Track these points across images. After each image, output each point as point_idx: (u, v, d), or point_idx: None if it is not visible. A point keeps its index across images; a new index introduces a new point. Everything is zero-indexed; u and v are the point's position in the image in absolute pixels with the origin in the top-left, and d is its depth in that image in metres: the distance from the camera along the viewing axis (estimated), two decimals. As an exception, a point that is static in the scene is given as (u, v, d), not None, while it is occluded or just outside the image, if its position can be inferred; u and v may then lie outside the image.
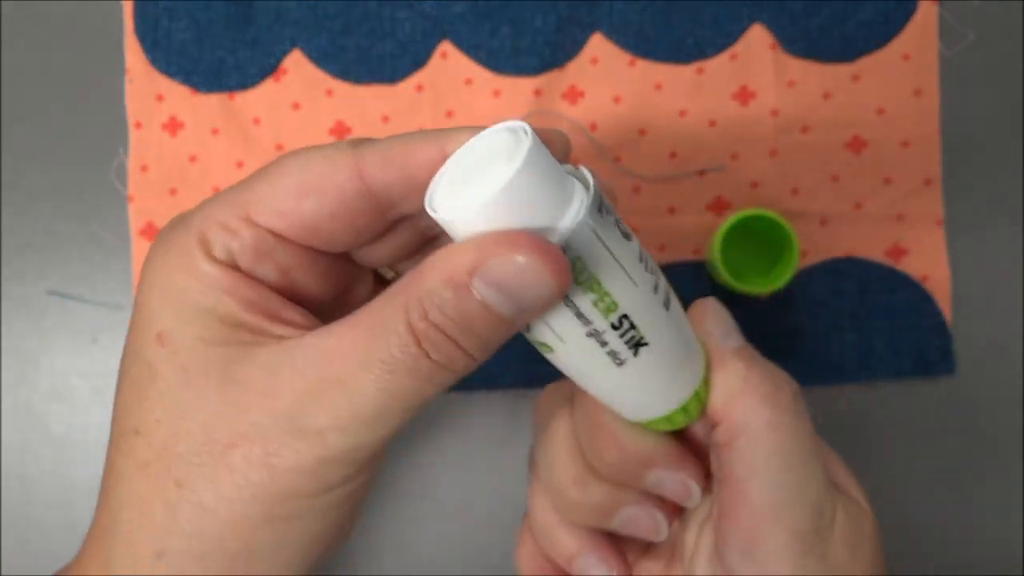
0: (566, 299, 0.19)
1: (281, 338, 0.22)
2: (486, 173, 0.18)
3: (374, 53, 0.39)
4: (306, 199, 0.21)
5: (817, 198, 0.38)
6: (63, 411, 0.40)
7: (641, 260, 0.20)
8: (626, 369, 0.21)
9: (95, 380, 0.40)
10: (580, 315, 0.20)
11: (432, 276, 0.19)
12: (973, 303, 0.38)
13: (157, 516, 0.21)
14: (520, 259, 0.18)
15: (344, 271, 0.25)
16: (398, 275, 0.27)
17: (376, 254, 0.25)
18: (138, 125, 0.40)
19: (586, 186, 0.19)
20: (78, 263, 0.40)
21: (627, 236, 0.20)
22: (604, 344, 0.20)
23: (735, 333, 0.24)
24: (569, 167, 0.20)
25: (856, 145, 0.38)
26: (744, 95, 0.38)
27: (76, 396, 0.40)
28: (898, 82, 0.38)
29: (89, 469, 0.40)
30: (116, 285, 0.40)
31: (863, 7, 0.38)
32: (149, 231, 0.39)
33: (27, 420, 0.40)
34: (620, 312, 0.20)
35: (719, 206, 0.38)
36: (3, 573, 0.40)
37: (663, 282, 0.21)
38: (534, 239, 0.18)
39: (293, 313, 0.22)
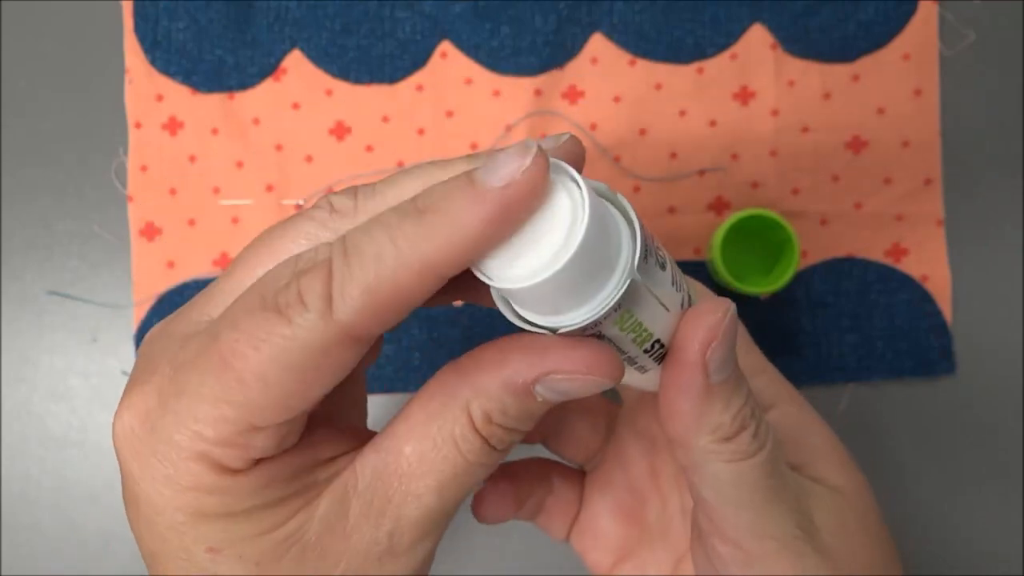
0: (607, 341, 0.20)
1: (332, 479, 0.21)
2: (539, 240, 0.18)
3: (374, 53, 0.39)
4: (313, 386, 0.19)
5: (817, 198, 0.38)
6: (63, 411, 0.40)
7: (673, 283, 0.20)
8: (649, 374, 0.22)
9: (95, 380, 0.40)
10: (620, 350, 0.20)
11: (489, 381, 0.20)
12: (973, 303, 0.38)
13: None
14: (585, 378, 0.19)
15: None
16: None
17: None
18: (138, 125, 0.40)
19: (630, 225, 0.19)
20: (78, 263, 0.40)
21: (663, 265, 0.20)
22: (634, 363, 0.21)
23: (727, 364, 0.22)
24: (604, 190, 0.20)
25: (856, 145, 0.38)
26: (744, 95, 0.38)
27: (76, 396, 0.40)
28: (898, 82, 0.38)
29: (88, 469, 0.40)
30: (116, 285, 0.40)
31: (863, 7, 0.38)
32: (149, 231, 0.39)
33: (27, 420, 0.40)
34: (653, 340, 0.20)
35: (719, 206, 0.38)
36: (3, 573, 0.40)
37: (686, 289, 0.21)
38: (597, 355, 0.19)
39: (332, 448, 0.21)
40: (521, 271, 0.18)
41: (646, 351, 0.20)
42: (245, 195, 0.39)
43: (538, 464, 0.29)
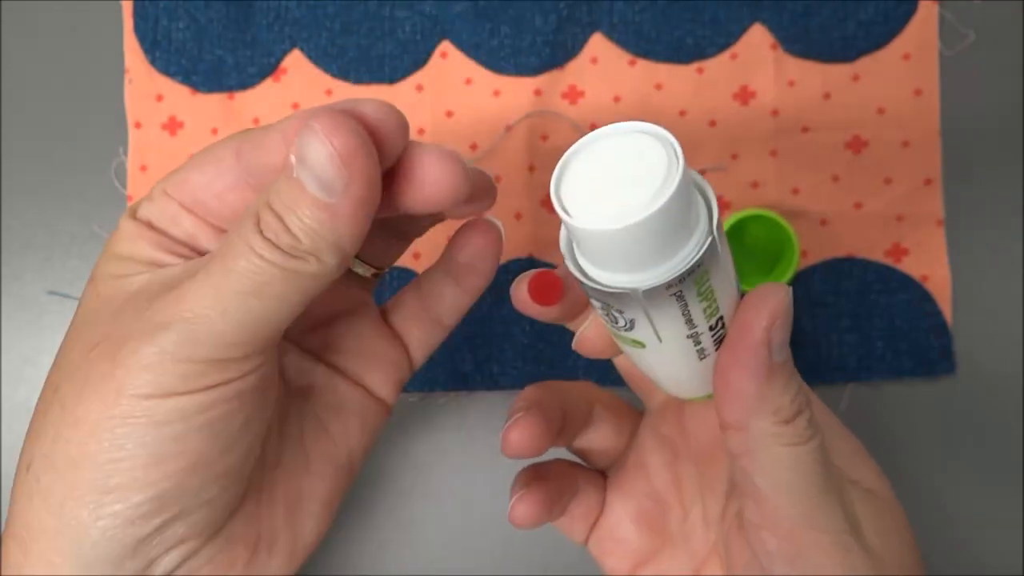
0: (683, 306, 0.20)
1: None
2: (631, 185, 0.18)
3: (374, 53, 0.39)
4: (195, 172, 0.24)
5: (817, 198, 0.38)
6: (63, 411, 0.40)
7: (730, 255, 0.21)
8: (707, 360, 0.22)
9: (95, 380, 0.40)
10: (690, 320, 0.20)
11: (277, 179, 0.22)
12: (973, 303, 0.38)
13: (34, 426, 0.23)
14: (314, 126, 0.20)
15: None
16: (369, 263, 0.28)
17: None
18: (138, 125, 0.40)
19: (706, 196, 0.19)
20: (78, 263, 0.40)
21: (725, 242, 0.20)
22: (698, 344, 0.21)
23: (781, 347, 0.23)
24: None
25: (856, 145, 0.38)
26: (744, 95, 0.38)
27: (76, 396, 0.40)
28: (898, 82, 0.38)
29: (89, 469, 0.40)
30: (116, 285, 0.40)
31: (863, 7, 0.38)
32: (149, 231, 0.39)
33: (27, 420, 0.40)
34: (719, 315, 0.21)
35: (719, 206, 0.38)
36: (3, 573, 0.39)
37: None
38: (322, 117, 0.20)
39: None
40: (611, 211, 0.18)
41: (711, 327, 0.21)
42: (245, 195, 0.39)
43: (565, 466, 0.29)
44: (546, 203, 0.39)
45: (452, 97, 0.39)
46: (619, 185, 0.18)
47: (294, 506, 0.26)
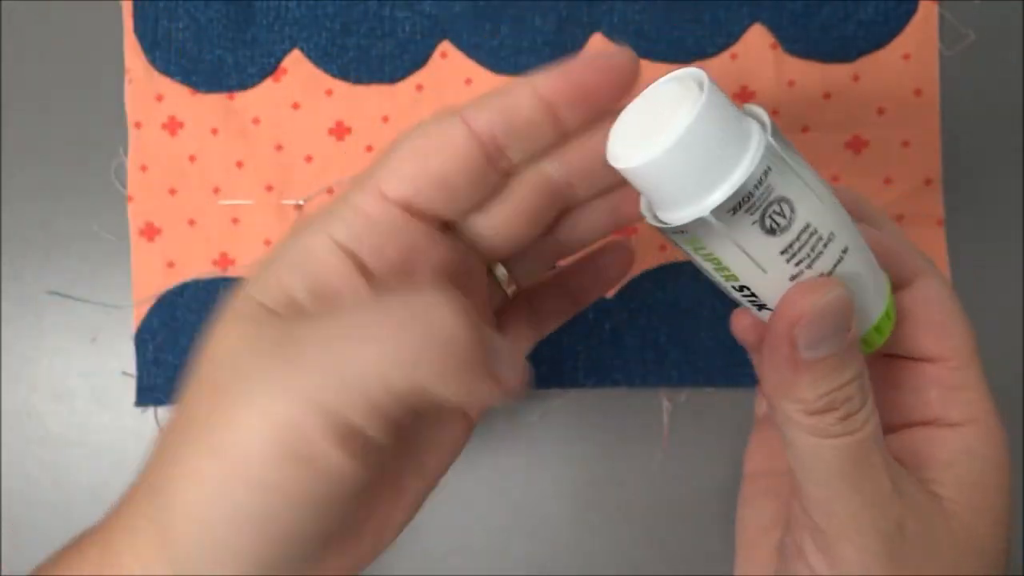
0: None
1: None
2: (666, 121, 0.19)
3: (374, 53, 0.39)
4: (428, 158, 0.23)
5: (817, 198, 0.38)
6: (62, 411, 0.40)
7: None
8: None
9: (95, 380, 0.40)
10: (758, 266, 0.21)
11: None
12: (973, 303, 0.38)
13: (158, 451, 0.22)
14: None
15: (458, 263, 0.25)
16: (514, 280, 0.27)
17: (491, 222, 0.25)
18: (138, 125, 0.40)
19: (762, 121, 0.20)
20: (78, 263, 0.40)
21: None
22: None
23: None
24: (753, 109, 0.21)
25: (856, 145, 0.38)
26: (744, 95, 0.38)
27: (75, 396, 0.40)
28: (898, 82, 0.38)
29: (88, 469, 0.40)
30: (116, 285, 0.40)
31: (863, 7, 0.38)
32: (149, 231, 0.39)
33: (26, 420, 0.40)
34: (740, 284, 0.21)
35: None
36: (3, 573, 0.40)
37: (810, 267, 0.21)
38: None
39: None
40: (649, 146, 0.19)
41: (734, 288, 0.21)
42: (245, 195, 0.39)
43: None
44: (546, 203, 0.39)
45: (452, 97, 0.39)
46: (648, 127, 0.20)
47: (394, 499, 0.25)
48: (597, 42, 0.38)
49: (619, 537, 0.39)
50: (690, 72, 0.20)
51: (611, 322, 0.38)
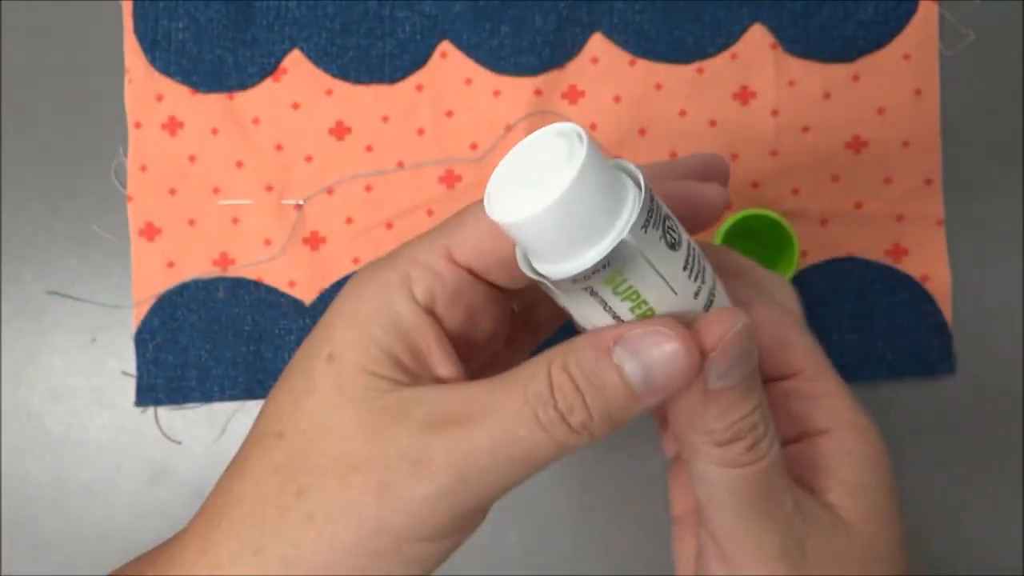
0: (604, 304, 0.20)
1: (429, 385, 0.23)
2: (543, 179, 0.19)
3: (374, 53, 0.39)
4: (503, 240, 0.23)
5: (817, 198, 0.38)
6: (62, 411, 0.40)
7: (686, 268, 0.21)
8: None
9: (94, 380, 0.40)
10: (617, 318, 0.21)
11: (580, 342, 0.21)
12: (973, 303, 0.38)
13: (269, 517, 0.22)
14: (664, 329, 0.20)
15: (507, 315, 0.26)
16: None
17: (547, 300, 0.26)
18: (138, 125, 0.39)
19: (639, 188, 0.20)
20: (78, 263, 0.40)
21: (673, 246, 0.20)
22: None
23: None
24: (625, 165, 0.21)
25: (856, 145, 0.38)
26: (744, 95, 0.38)
27: (75, 396, 0.40)
28: (898, 82, 0.38)
29: (87, 469, 0.40)
30: (115, 285, 0.40)
31: (863, 7, 0.38)
32: (148, 231, 0.39)
33: (26, 420, 0.40)
34: (656, 315, 0.21)
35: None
36: (3, 573, 0.40)
37: (708, 285, 0.22)
38: (684, 331, 0.20)
39: (449, 370, 0.23)
40: (526, 203, 0.19)
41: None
42: (245, 195, 0.39)
43: None
44: (546, 203, 0.39)
45: (452, 97, 0.39)
46: (527, 183, 0.19)
47: None
48: (597, 42, 0.38)
49: (619, 537, 0.39)
50: (566, 128, 0.20)
51: (611, 322, 0.38)
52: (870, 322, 0.38)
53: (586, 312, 0.21)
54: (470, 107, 0.39)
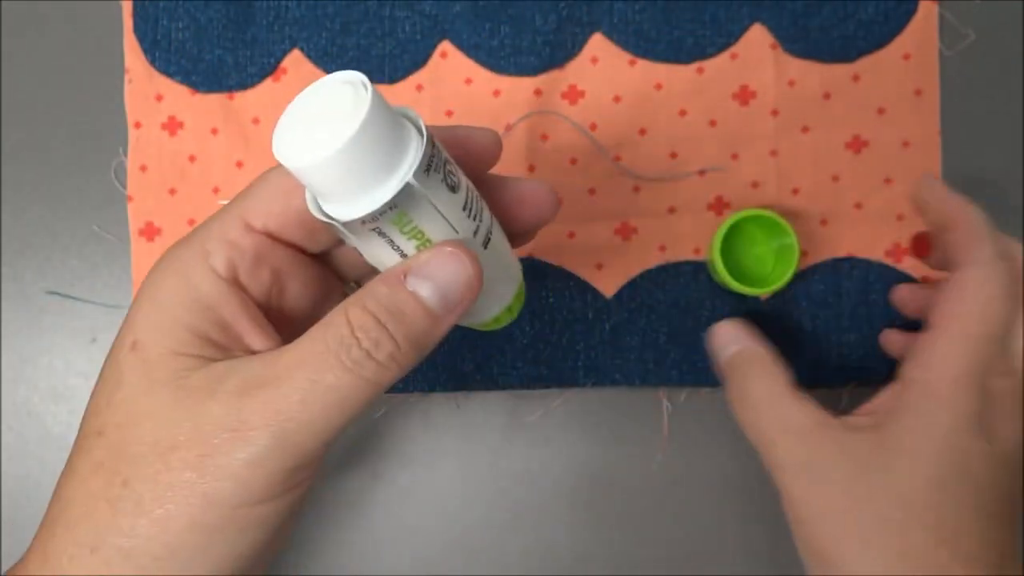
0: (392, 243, 0.22)
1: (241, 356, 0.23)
2: (331, 123, 0.20)
3: (374, 53, 0.39)
4: (293, 196, 0.24)
5: (817, 198, 0.38)
6: (62, 411, 0.40)
7: (465, 208, 0.22)
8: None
9: (94, 380, 0.40)
10: (404, 256, 0.22)
11: (372, 283, 0.22)
12: (973, 303, 0.38)
13: (100, 513, 0.22)
14: (447, 248, 0.21)
15: (322, 283, 0.27)
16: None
17: (352, 255, 0.27)
18: (137, 125, 0.40)
19: (421, 135, 0.21)
20: (78, 263, 0.40)
21: (453, 188, 0.22)
22: None
23: None
24: (407, 112, 0.22)
25: (856, 145, 0.38)
26: (744, 95, 0.38)
27: (75, 396, 0.40)
28: (898, 82, 0.38)
29: (89, 469, 0.40)
30: (115, 285, 0.40)
31: (863, 7, 0.38)
32: (148, 231, 0.39)
33: (26, 420, 0.40)
34: (439, 240, 0.23)
35: (719, 206, 0.38)
36: (3, 573, 0.40)
37: (486, 224, 0.23)
38: (459, 245, 0.22)
39: (261, 340, 0.24)
40: (315, 148, 0.20)
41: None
42: (245, 195, 0.39)
43: None
44: (546, 203, 0.39)
45: (452, 97, 0.39)
46: (315, 128, 0.20)
47: None
48: (597, 42, 0.38)
49: (619, 537, 0.39)
50: (352, 77, 0.21)
51: (611, 322, 0.38)
52: (870, 322, 0.38)
53: (376, 252, 0.22)
54: (470, 107, 0.39)
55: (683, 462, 0.39)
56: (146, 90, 0.39)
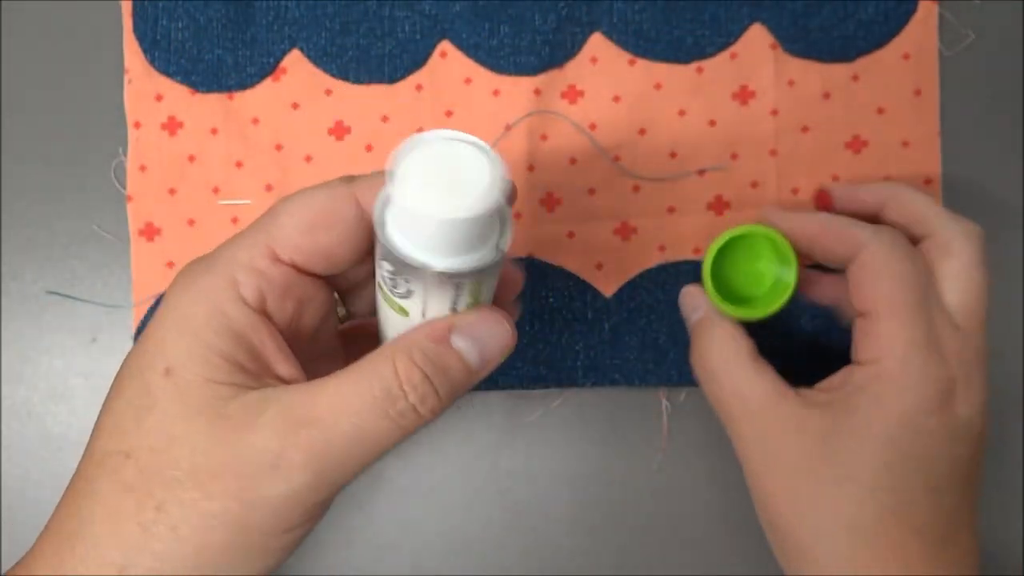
0: (455, 295, 0.24)
1: (273, 386, 0.24)
2: (467, 188, 0.21)
3: (373, 52, 0.39)
4: (321, 232, 0.25)
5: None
6: (62, 411, 0.40)
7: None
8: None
9: (94, 380, 0.40)
10: (453, 308, 0.24)
11: (417, 335, 0.23)
12: (973, 303, 0.38)
13: (130, 534, 0.22)
14: (495, 313, 0.24)
15: (328, 303, 0.28)
16: (349, 314, 0.30)
17: (363, 271, 0.28)
18: (137, 125, 0.40)
19: (504, 219, 0.24)
20: (78, 263, 0.40)
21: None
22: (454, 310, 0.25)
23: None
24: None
25: (856, 145, 0.38)
26: (744, 95, 0.38)
27: (75, 396, 0.40)
28: (898, 82, 0.38)
29: (89, 469, 0.40)
30: (115, 285, 0.40)
31: (863, 7, 0.38)
32: (148, 231, 0.39)
33: (26, 420, 0.40)
34: (483, 302, 0.25)
35: (719, 206, 0.38)
36: (3, 573, 0.40)
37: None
38: (503, 311, 0.24)
39: (286, 367, 0.25)
40: (448, 208, 0.21)
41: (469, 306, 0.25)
42: (245, 195, 0.39)
43: None
44: (545, 202, 0.39)
45: (452, 97, 0.39)
46: (448, 186, 0.21)
47: None
48: (596, 41, 0.38)
49: (619, 537, 0.39)
50: (471, 138, 0.23)
51: (611, 322, 0.38)
52: (870, 322, 0.38)
53: (433, 300, 0.24)
54: (469, 107, 0.39)
55: (683, 462, 0.39)
56: (146, 90, 0.39)
